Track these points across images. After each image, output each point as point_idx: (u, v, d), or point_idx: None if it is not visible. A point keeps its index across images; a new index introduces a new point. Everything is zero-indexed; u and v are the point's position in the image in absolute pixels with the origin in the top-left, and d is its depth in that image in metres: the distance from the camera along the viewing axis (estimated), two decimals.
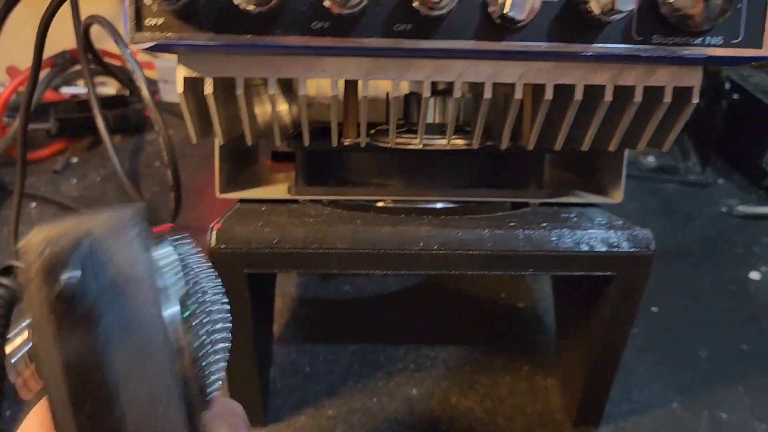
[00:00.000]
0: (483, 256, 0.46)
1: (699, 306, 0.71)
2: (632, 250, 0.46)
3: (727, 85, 0.88)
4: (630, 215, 0.86)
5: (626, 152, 0.55)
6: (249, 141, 0.48)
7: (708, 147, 0.94)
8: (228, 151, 0.55)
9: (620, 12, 0.35)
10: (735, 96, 0.92)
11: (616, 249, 0.46)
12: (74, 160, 0.90)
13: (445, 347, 0.65)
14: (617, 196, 0.56)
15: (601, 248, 0.47)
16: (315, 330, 0.66)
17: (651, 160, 0.93)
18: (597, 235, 0.47)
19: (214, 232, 0.46)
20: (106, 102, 0.90)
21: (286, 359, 0.63)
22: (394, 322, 0.67)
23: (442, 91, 0.50)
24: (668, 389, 0.61)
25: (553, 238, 0.47)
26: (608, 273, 0.47)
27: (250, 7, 0.35)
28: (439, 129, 0.50)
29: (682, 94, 0.44)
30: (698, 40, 0.39)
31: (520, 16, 0.35)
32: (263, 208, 0.52)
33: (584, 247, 0.47)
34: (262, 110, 0.53)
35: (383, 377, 0.61)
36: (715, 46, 0.39)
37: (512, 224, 0.48)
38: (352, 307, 0.69)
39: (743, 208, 0.84)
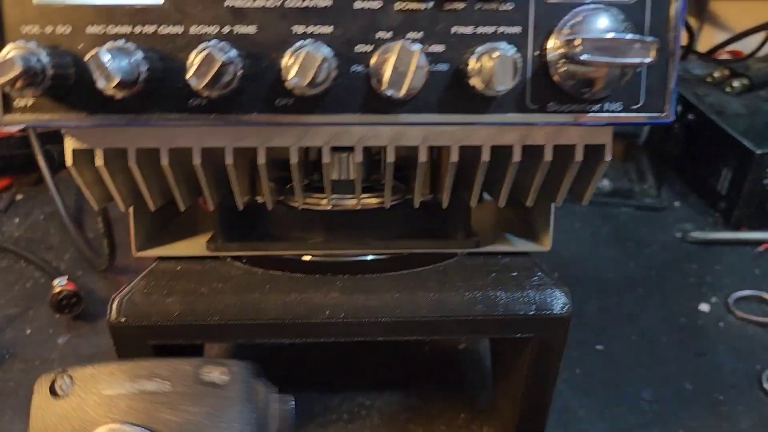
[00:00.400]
0: (393, 323, 0.45)
1: (645, 341, 0.70)
2: (546, 313, 0.45)
3: (679, 108, 0.86)
4: (582, 243, 0.85)
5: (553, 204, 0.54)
6: (151, 207, 0.46)
7: (665, 168, 0.93)
8: (147, 214, 0.53)
9: (499, 91, 0.34)
10: (690, 116, 0.90)
11: (530, 312, 0.45)
12: (19, 197, 0.89)
13: (381, 394, 0.63)
14: (546, 244, 0.54)
15: (515, 312, 0.45)
16: None
17: (606, 183, 0.92)
18: (512, 296, 0.46)
19: (114, 305, 0.45)
20: (52, 136, 0.89)
21: None
22: (330, 368, 0.66)
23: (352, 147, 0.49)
24: None
25: (465, 302, 0.45)
26: (523, 336, 0.46)
27: (118, 95, 0.34)
28: (350, 187, 0.49)
29: (593, 152, 0.43)
30: (596, 107, 0.38)
31: (398, 94, 0.34)
32: (178, 268, 0.51)
33: (498, 311, 0.45)
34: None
35: (316, 428, 0.60)
36: (614, 112, 0.38)
37: (428, 285, 0.47)
38: (288, 354, 0.67)
39: (697, 234, 0.83)
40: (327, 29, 0.36)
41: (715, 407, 0.62)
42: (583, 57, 0.33)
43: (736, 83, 0.92)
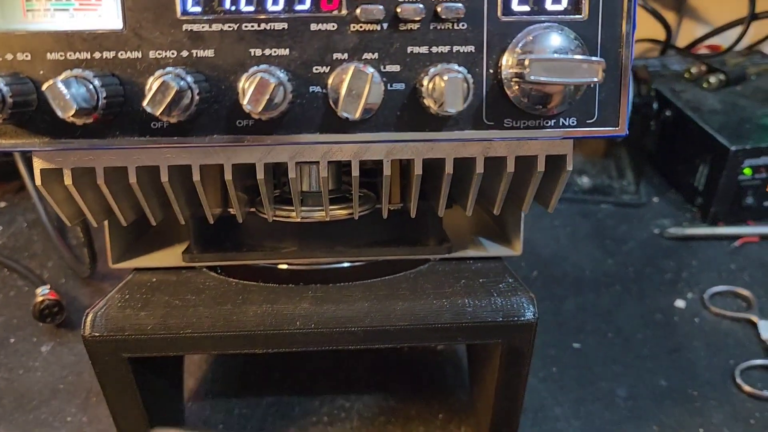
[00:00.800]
0: (362, 332, 0.46)
1: (621, 339, 0.71)
2: (512, 320, 0.46)
3: (655, 105, 0.87)
4: (561, 241, 0.86)
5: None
6: (123, 223, 0.47)
7: (644, 164, 0.94)
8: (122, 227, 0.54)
9: (450, 113, 0.35)
10: (668, 113, 0.91)
11: (497, 320, 0.46)
12: (2, 204, 0.89)
13: (361, 396, 0.64)
14: (517, 249, 0.55)
15: (483, 319, 0.46)
16: (231, 383, 0.66)
17: (585, 180, 0.93)
18: (480, 303, 0.47)
19: (89, 320, 0.45)
20: None
21: (201, 417, 0.63)
22: (311, 372, 0.67)
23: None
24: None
25: (434, 310, 0.46)
26: (491, 341, 0.47)
27: (78, 122, 0.34)
28: (320, 198, 0.49)
29: (555, 162, 0.44)
30: (552, 122, 0.39)
31: (353, 116, 0.34)
32: (154, 280, 0.51)
33: (466, 318, 0.46)
34: None
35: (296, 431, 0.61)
36: (569, 127, 0.39)
37: (398, 293, 0.48)
38: (270, 358, 0.68)
39: (674, 230, 0.84)
40: (284, 51, 0.36)
41: (688, 403, 0.64)
42: (532, 77, 0.33)
43: (712, 79, 0.93)
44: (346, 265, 0.54)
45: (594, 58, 0.34)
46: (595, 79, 0.34)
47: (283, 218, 0.49)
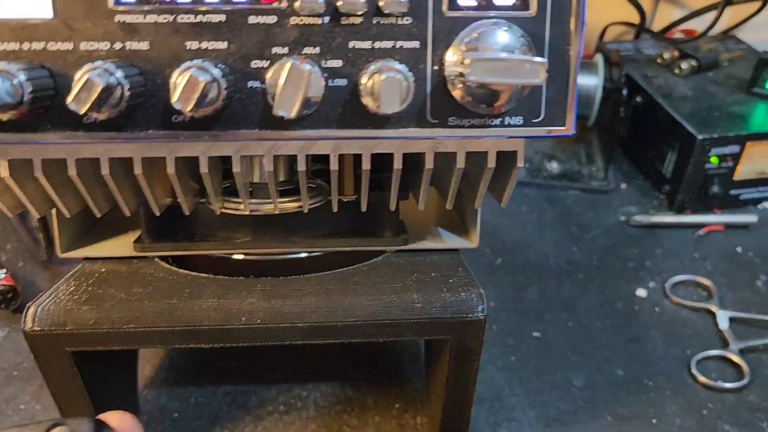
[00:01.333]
0: (309, 327, 0.45)
1: (581, 328, 0.71)
2: (461, 316, 0.46)
3: (625, 91, 0.87)
4: (527, 228, 0.86)
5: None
6: (66, 215, 0.46)
7: (613, 150, 0.93)
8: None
9: (388, 113, 0.34)
10: (638, 99, 0.91)
11: (446, 316, 0.46)
12: None
13: (317, 386, 0.64)
14: (474, 241, 0.55)
15: (431, 315, 0.46)
16: (188, 372, 0.66)
17: (555, 165, 0.92)
18: (430, 299, 0.46)
19: (29, 313, 0.44)
20: None
21: (156, 405, 0.62)
22: (268, 361, 0.66)
23: None
24: (539, 421, 0.62)
25: (382, 305, 0.46)
26: (439, 338, 0.47)
27: (3, 117, 0.33)
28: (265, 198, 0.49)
29: (506, 158, 0.43)
30: (497, 121, 0.38)
31: (289, 115, 0.33)
32: (103, 270, 0.50)
33: (414, 313, 0.46)
34: None
35: (252, 421, 0.61)
36: (515, 126, 0.38)
37: (348, 287, 0.47)
38: (226, 348, 0.68)
39: (640, 218, 0.84)
40: (221, 45, 0.35)
41: (643, 393, 0.64)
42: (472, 78, 0.33)
43: (684, 65, 0.92)
44: (302, 255, 0.53)
45: (537, 59, 0.33)
46: (538, 81, 0.33)
47: (232, 210, 0.48)
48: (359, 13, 0.35)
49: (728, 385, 0.64)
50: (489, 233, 0.83)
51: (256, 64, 0.36)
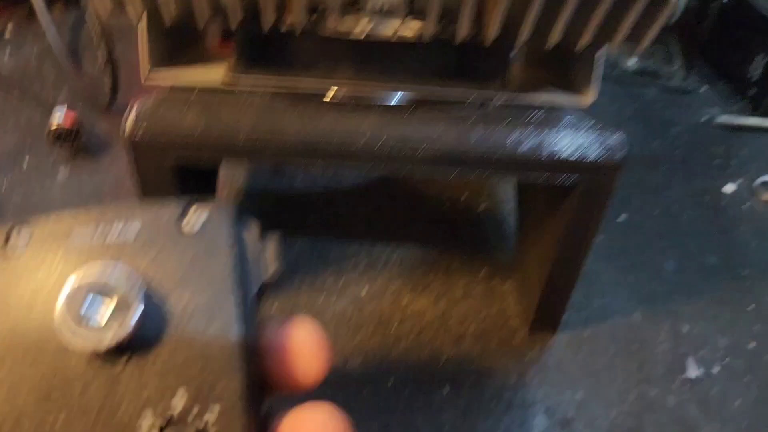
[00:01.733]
0: (432, 155, 0.41)
1: (669, 216, 0.68)
2: (598, 157, 0.42)
3: None
4: (605, 119, 0.81)
5: (600, 53, 0.49)
6: (166, 16, 0.41)
7: (694, 52, 0.89)
8: (161, 29, 0.48)
9: None
10: None
11: (581, 155, 0.42)
12: (9, 31, 0.82)
13: (400, 247, 0.61)
14: (588, 99, 0.51)
15: (565, 153, 0.42)
16: (265, 222, 0.62)
17: (632, 62, 0.88)
18: (562, 137, 0.42)
19: (131, 118, 0.40)
20: None
21: None
22: (347, 219, 0.63)
23: None
24: (631, 299, 0.59)
25: (513, 139, 0.42)
26: (569, 182, 0.42)
27: None
28: (391, 14, 0.44)
29: None
30: None
31: None
32: (195, 95, 0.46)
33: (545, 151, 0.42)
34: None
35: (333, 273, 0.58)
36: None
37: (471, 120, 0.43)
38: (304, 202, 0.64)
39: (725, 118, 0.80)
40: None
41: (738, 281, 0.61)
42: None
43: None
44: (395, 102, 0.48)
45: None
46: None
47: (343, 35, 0.43)
48: None
49: None
50: None
51: None
